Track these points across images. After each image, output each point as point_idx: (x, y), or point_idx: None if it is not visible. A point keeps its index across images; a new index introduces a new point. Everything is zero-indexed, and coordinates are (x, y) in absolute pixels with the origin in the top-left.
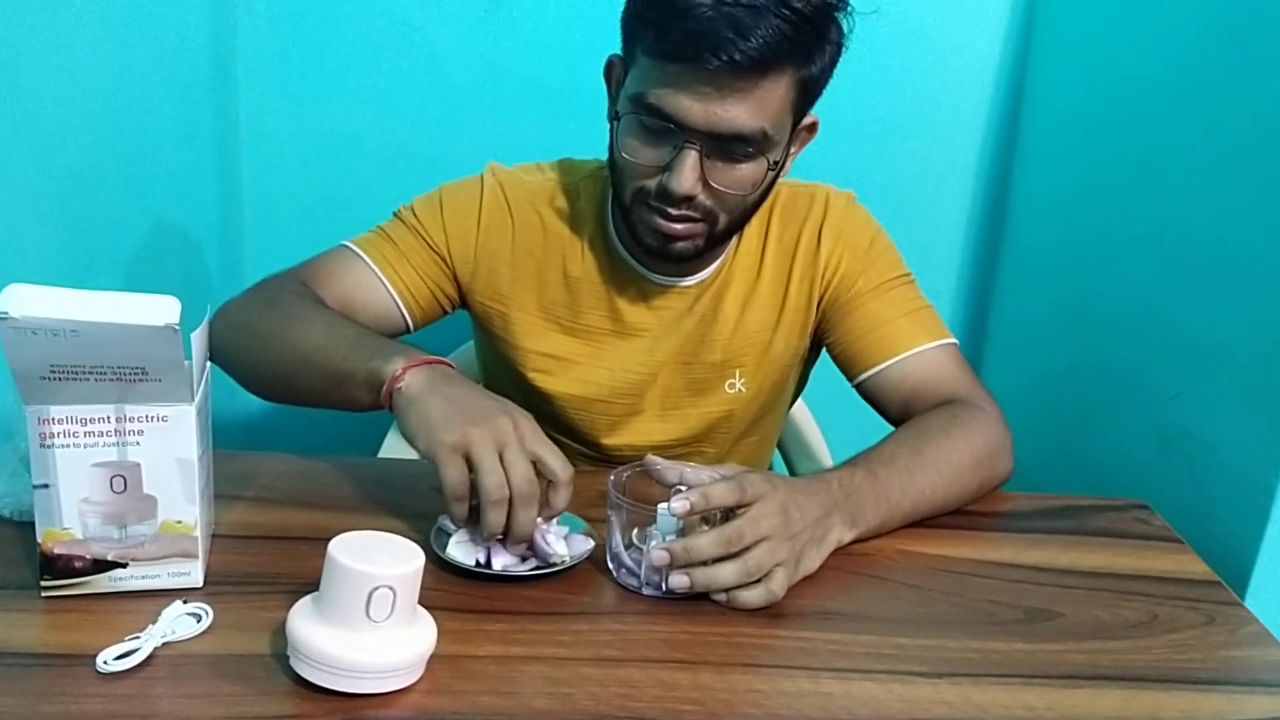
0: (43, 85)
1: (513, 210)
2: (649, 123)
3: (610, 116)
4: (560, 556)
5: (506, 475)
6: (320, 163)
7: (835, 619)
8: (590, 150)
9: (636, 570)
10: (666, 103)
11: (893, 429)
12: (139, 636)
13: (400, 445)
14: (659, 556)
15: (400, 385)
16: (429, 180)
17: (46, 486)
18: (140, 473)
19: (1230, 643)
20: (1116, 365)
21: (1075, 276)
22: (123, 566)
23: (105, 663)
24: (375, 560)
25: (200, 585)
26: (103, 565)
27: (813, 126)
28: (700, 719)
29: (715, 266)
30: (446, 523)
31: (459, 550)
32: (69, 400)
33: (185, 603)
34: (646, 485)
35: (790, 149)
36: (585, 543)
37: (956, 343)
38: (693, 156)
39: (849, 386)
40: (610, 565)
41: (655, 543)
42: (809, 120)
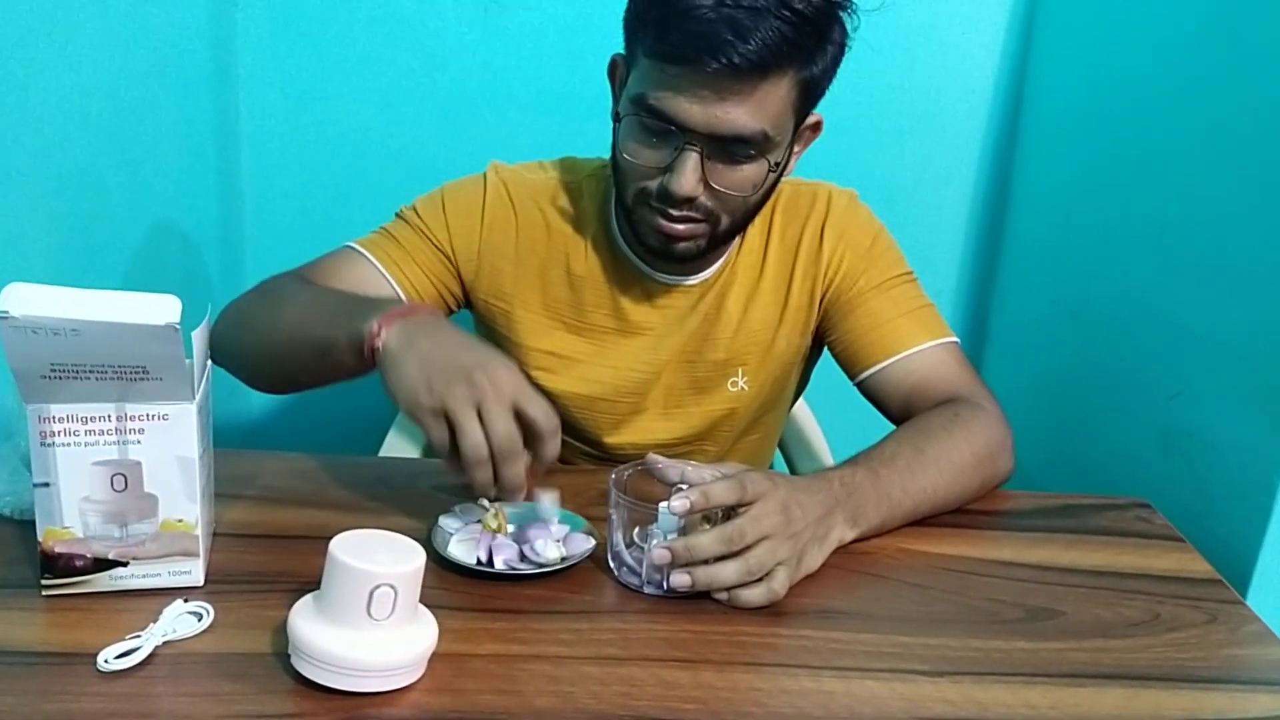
0: (43, 85)
1: (516, 208)
2: (650, 124)
3: (612, 117)
4: (552, 563)
5: (488, 434)
6: (320, 162)
7: (837, 617)
8: (590, 151)
9: (638, 569)
10: (667, 105)
11: (894, 427)
12: (140, 635)
13: (401, 444)
14: (660, 555)
15: (379, 343)
16: (429, 180)
17: (47, 485)
18: (141, 471)
19: (1232, 641)
20: (1117, 364)
21: (1075, 276)
22: (123, 565)
23: (106, 661)
24: (376, 559)
25: (201, 584)
26: (103, 564)
27: (817, 125)
28: (702, 718)
29: (719, 265)
30: (447, 521)
31: (460, 549)
32: (70, 399)
33: (186, 601)
34: (647, 484)
35: (794, 148)
36: (586, 541)
37: (958, 341)
38: (693, 158)
39: (850, 385)
40: (611, 564)
41: (656, 541)
42: (813, 119)
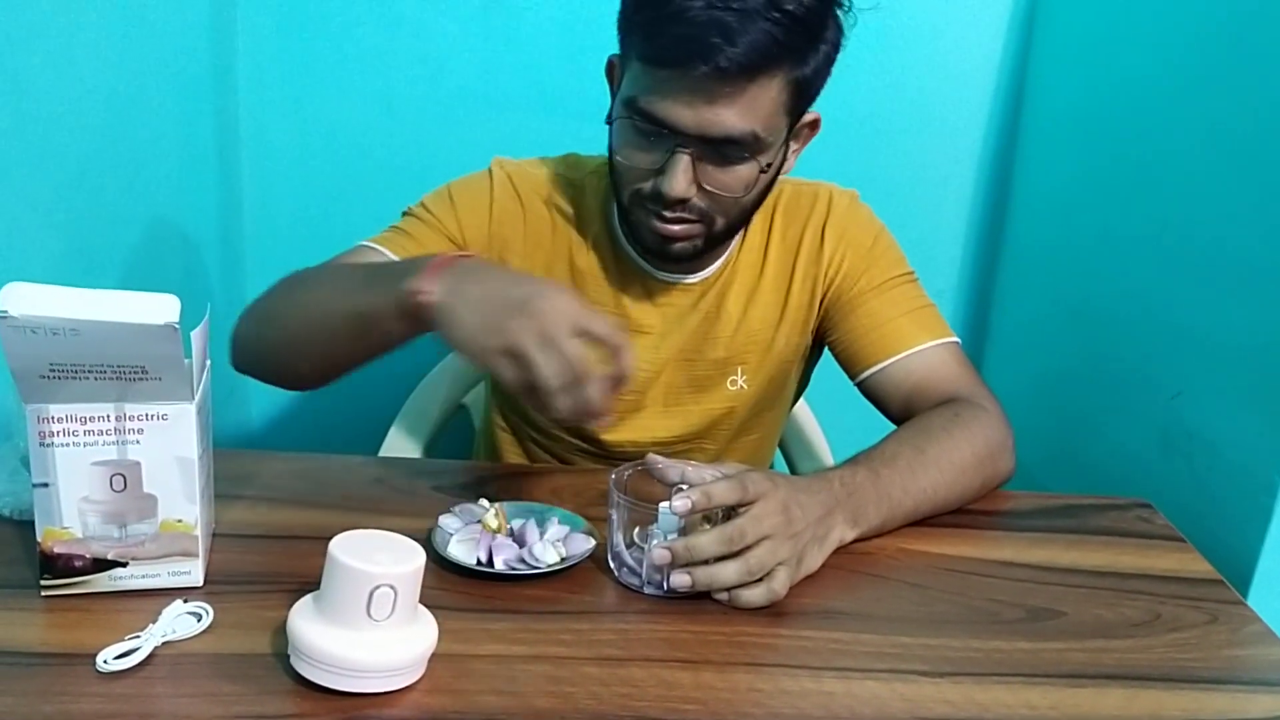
0: (43, 84)
1: (524, 202)
2: (642, 126)
3: (606, 120)
4: (550, 565)
5: (559, 360)
6: (320, 161)
7: (837, 618)
8: (591, 151)
9: (638, 569)
10: (657, 108)
11: (894, 427)
12: (139, 636)
13: (401, 444)
14: (660, 555)
15: (430, 300)
16: (429, 180)
17: (46, 485)
18: (140, 471)
19: (1233, 642)
20: (1117, 364)
21: (1075, 276)
22: (123, 565)
23: (105, 662)
24: (376, 559)
25: (200, 584)
26: (103, 564)
27: (815, 123)
28: (702, 718)
29: (720, 264)
30: (447, 521)
31: (460, 549)
32: (69, 399)
33: (185, 602)
34: (647, 484)
35: (792, 146)
36: (586, 542)
37: (958, 341)
38: (685, 160)
39: (850, 385)
40: (611, 564)
41: (657, 541)
42: (810, 117)
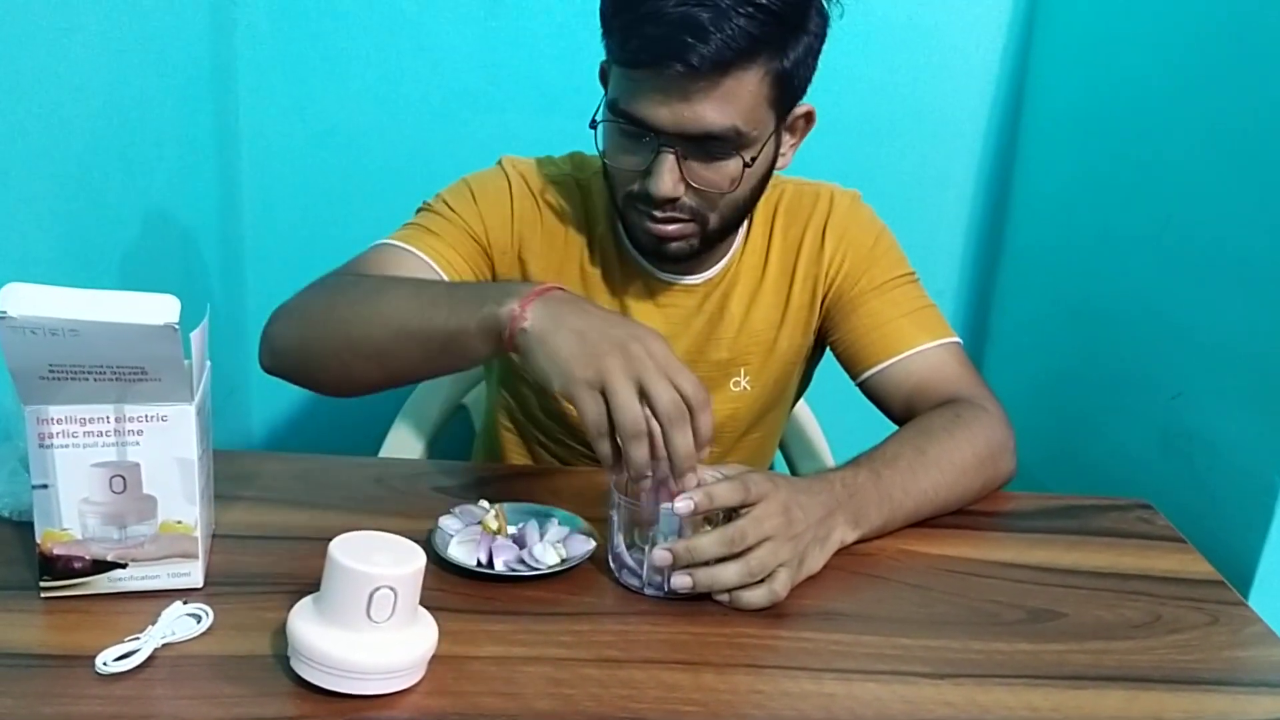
0: (42, 84)
1: (539, 203)
2: (626, 129)
3: (589, 124)
4: (550, 566)
5: (651, 404)
6: (319, 161)
7: (838, 619)
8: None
9: (638, 570)
10: (636, 109)
11: (895, 428)
12: (139, 637)
13: (401, 444)
14: (661, 557)
15: (524, 325)
16: (428, 179)
17: (45, 487)
18: (140, 473)
19: (1234, 643)
20: (1118, 365)
21: (1075, 276)
22: (122, 567)
23: (105, 664)
24: (376, 560)
25: (200, 586)
26: (102, 566)
27: (809, 116)
28: None
29: (722, 265)
30: (447, 522)
31: (460, 550)
32: (68, 400)
33: (185, 603)
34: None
35: (787, 140)
36: (586, 543)
37: (960, 342)
38: (669, 159)
39: (851, 386)
40: (612, 565)
41: (658, 542)
42: (803, 110)
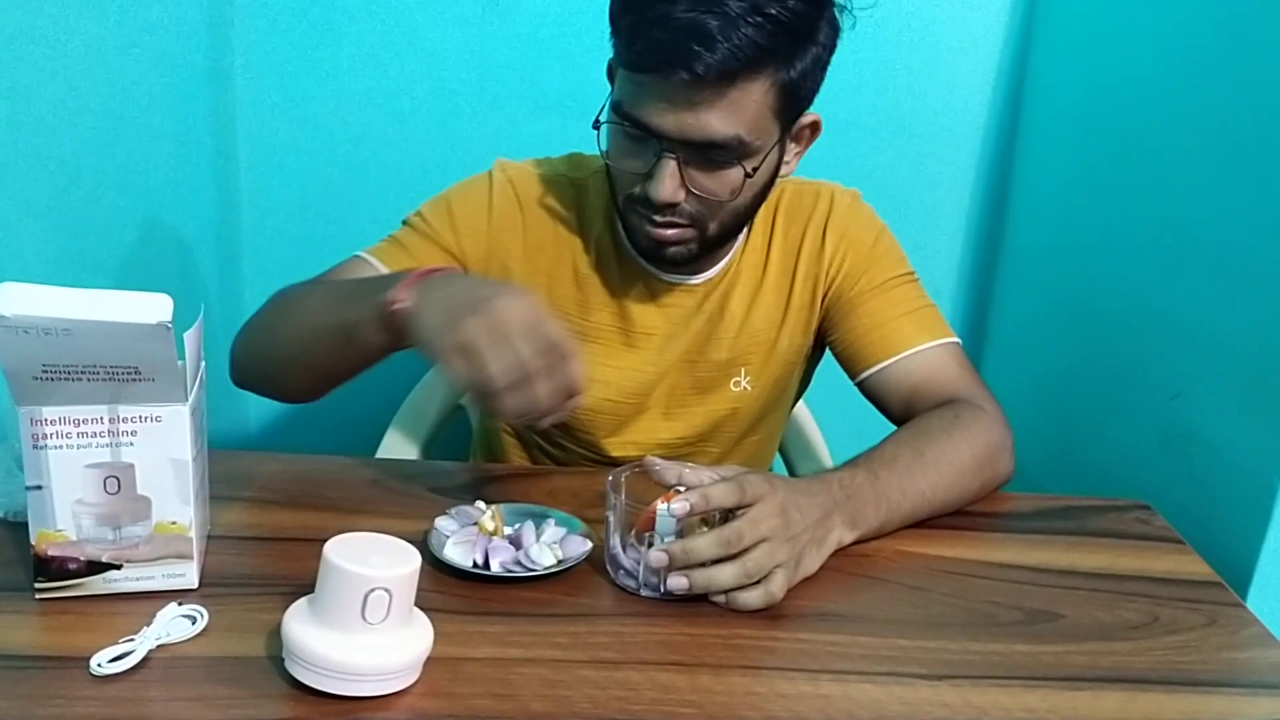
0: (39, 84)
1: (523, 206)
2: (629, 131)
3: (593, 124)
4: (546, 567)
5: (507, 358)
6: (317, 161)
7: (835, 620)
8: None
9: (635, 572)
10: (640, 113)
11: (894, 428)
12: (133, 639)
13: (398, 445)
14: (657, 558)
15: (401, 305)
16: (427, 180)
17: (40, 488)
18: (134, 474)
19: (1232, 644)
20: (1117, 365)
21: (1075, 276)
22: (117, 568)
23: (99, 665)
24: (371, 562)
25: (195, 587)
26: (97, 567)
27: (815, 125)
28: None
29: (722, 265)
30: (443, 523)
31: (456, 551)
32: (62, 401)
33: (180, 604)
34: (645, 485)
35: (792, 148)
36: (583, 544)
37: (959, 342)
38: (671, 165)
39: (850, 386)
40: (608, 567)
41: (655, 544)
42: (809, 119)
